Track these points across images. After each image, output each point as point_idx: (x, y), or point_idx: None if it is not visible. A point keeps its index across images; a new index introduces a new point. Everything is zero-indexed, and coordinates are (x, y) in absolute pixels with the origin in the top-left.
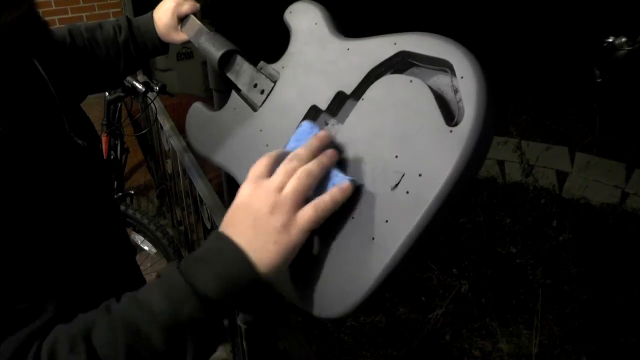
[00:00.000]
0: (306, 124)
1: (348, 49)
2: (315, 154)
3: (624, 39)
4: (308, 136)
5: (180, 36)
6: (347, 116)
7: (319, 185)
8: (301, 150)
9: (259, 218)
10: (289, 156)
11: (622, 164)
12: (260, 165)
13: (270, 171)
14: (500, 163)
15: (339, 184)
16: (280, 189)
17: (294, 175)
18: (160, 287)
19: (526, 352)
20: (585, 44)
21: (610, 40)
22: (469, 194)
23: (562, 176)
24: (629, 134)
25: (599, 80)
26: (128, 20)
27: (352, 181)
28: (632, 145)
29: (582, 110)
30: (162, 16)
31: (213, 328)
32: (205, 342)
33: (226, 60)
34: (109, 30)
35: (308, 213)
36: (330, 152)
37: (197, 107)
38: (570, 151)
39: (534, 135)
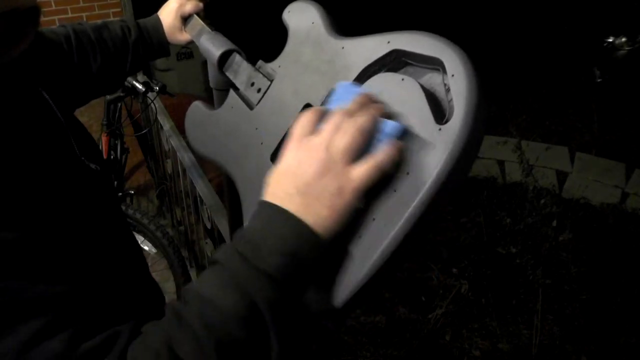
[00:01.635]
0: (345, 83)
1: (343, 48)
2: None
3: (624, 39)
4: (350, 95)
5: (184, 36)
6: None
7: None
8: (349, 105)
9: (309, 183)
10: (335, 111)
11: (622, 164)
12: (304, 121)
13: (314, 129)
14: (500, 163)
15: (390, 137)
16: (329, 146)
17: (343, 130)
18: (224, 278)
19: (526, 352)
20: (585, 44)
21: (610, 40)
22: (468, 194)
23: (562, 176)
24: (629, 134)
25: (599, 80)
26: (136, 21)
27: (404, 128)
28: (632, 145)
29: (582, 110)
30: (166, 17)
31: (292, 310)
32: (288, 326)
33: (225, 59)
34: (117, 30)
35: (362, 172)
36: (378, 105)
37: (197, 105)
38: (570, 151)
39: (534, 135)
